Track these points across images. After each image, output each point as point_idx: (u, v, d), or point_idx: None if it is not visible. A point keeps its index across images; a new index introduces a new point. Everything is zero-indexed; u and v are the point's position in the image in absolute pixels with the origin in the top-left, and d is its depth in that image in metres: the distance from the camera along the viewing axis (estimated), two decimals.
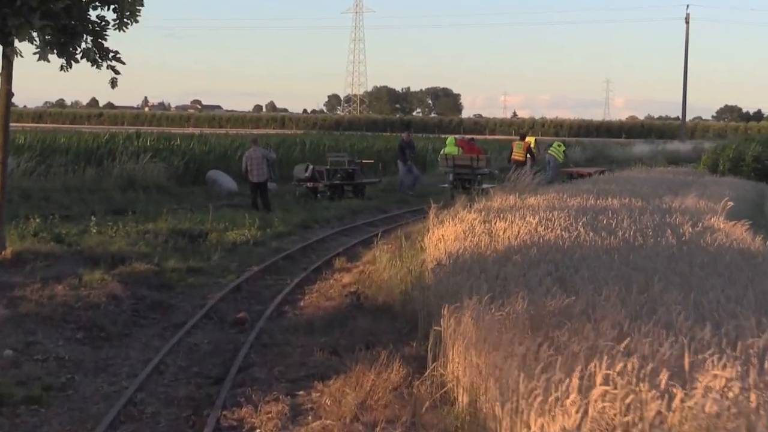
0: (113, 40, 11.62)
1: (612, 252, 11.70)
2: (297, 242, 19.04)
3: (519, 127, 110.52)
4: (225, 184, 28.12)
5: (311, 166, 27.43)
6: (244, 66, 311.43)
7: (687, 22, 60.85)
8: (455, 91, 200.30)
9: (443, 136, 63.68)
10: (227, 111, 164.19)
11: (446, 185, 27.76)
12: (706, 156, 35.37)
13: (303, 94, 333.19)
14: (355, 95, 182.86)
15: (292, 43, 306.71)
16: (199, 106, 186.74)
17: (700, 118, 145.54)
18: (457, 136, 31.32)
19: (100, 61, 12.70)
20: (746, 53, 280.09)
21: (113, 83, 13.18)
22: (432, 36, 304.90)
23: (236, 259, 16.70)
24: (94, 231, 17.45)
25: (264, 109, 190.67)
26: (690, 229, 14.58)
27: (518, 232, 13.42)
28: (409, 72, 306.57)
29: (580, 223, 14.51)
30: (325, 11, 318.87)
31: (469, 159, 26.87)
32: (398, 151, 31.11)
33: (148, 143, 31.59)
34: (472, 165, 26.79)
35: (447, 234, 13.96)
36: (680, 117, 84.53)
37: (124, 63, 11.26)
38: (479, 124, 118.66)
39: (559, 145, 34.86)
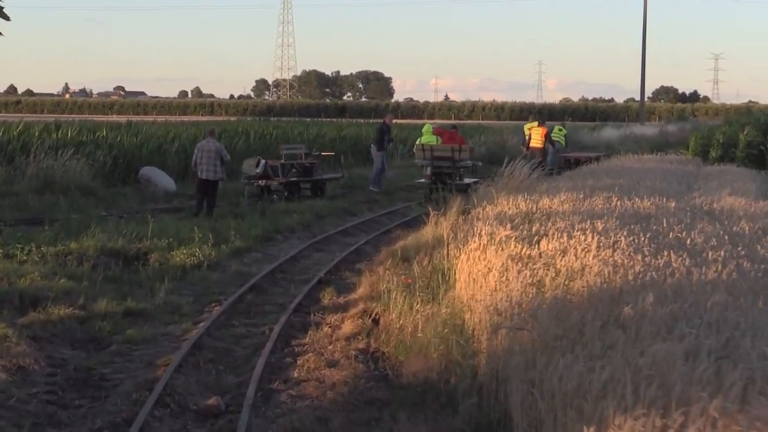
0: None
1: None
2: (262, 263, 15.04)
3: (458, 110, 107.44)
4: (162, 184, 23.89)
5: (263, 161, 23.36)
6: (168, 51, 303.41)
7: None
8: (386, 75, 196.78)
9: (376, 121, 59.79)
10: (152, 97, 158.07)
11: (422, 180, 23.90)
12: (694, 141, 32.17)
13: (229, 79, 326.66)
14: (284, 80, 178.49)
15: (217, 27, 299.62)
16: (123, 93, 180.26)
17: (633, 99, 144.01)
18: (433, 122, 27.32)
19: None
20: (678, 33, 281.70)
21: None
22: (362, 19, 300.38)
23: (189, 292, 12.70)
24: None
25: (190, 95, 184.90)
26: None
27: (583, 258, 9.70)
28: (339, 55, 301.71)
29: (644, 239, 10.91)
30: None
31: (450, 150, 23.03)
32: (376, 135, 26.87)
33: (69, 135, 27.09)
34: (453, 157, 22.96)
35: (478, 265, 10.21)
36: (613, 99, 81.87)
37: (8, 18, 7.34)
38: (417, 108, 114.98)
39: (560, 129, 32.49)
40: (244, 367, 9.28)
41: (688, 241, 11.07)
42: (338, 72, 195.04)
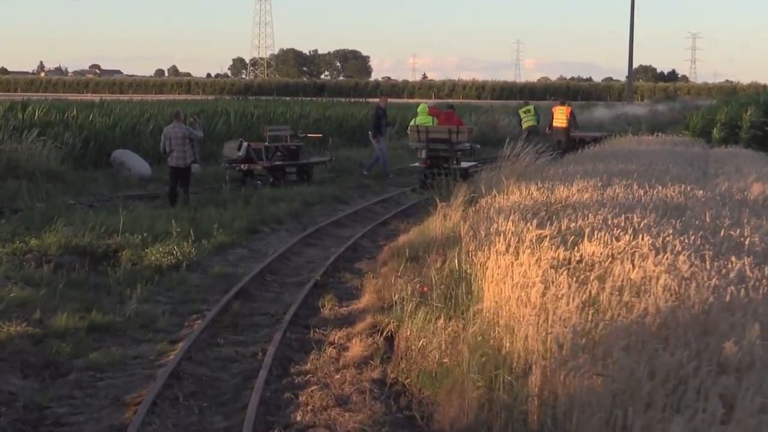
0: None
1: None
2: (248, 261, 13.20)
3: (438, 89, 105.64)
4: (136, 168, 21.92)
5: (245, 143, 21.44)
6: (144, 29, 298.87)
7: None
8: (364, 54, 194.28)
9: (356, 100, 57.90)
10: (128, 76, 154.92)
11: (417, 164, 22.07)
12: (695, 122, 30.49)
13: (206, 58, 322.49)
14: (262, 58, 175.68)
15: (193, 5, 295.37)
16: (98, 71, 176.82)
17: (611, 78, 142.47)
18: (429, 101, 25.38)
19: None
20: (656, 13, 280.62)
21: None
22: None
23: (166, 299, 10.87)
24: None
25: (166, 74, 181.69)
26: None
27: (641, 266, 7.97)
28: (316, 34, 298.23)
29: (696, 239, 9.24)
30: None
31: (447, 131, 21.19)
32: (373, 120, 24.78)
33: (36, 115, 24.99)
34: (450, 139, 21.12)
35: (511, 272, 8.49)
36: (591, 78, 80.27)
37: None
38: (397, 87, 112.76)
39: (526, 112, 30.84)
40: (234, 403, 7.46)
41: (746, 242, 9.40)
42: (316, 51, 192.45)
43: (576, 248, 8.89)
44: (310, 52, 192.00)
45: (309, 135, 24.15)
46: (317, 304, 10.49)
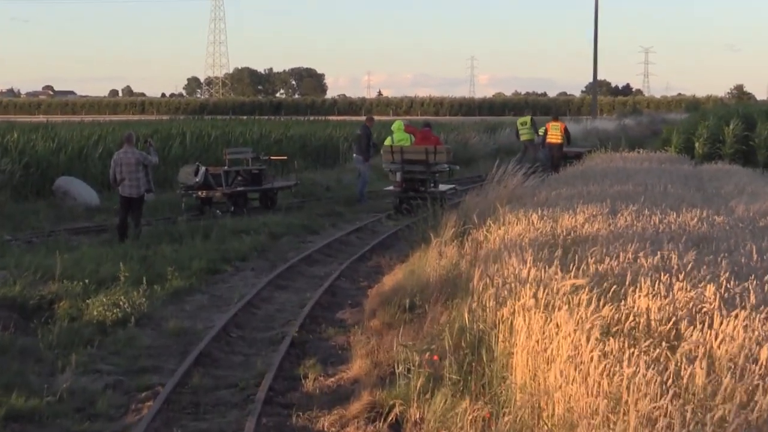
0: None
1: None
2: (209, 311, 11.08)
3: (396, 106, 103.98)
4: (82, 197, 19.65)
5: (203, 168, 19.30)
6: (98, 50, 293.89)
7: None
8: (319, 72, 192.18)
9: (315, 117, 55.88)
10: (81, 96, 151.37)
11: (391, 188, 20.06)
12: (676, 136, 28.81)
13: (161, 78, 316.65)
14: (217, 77, 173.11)
15: (147, 24, 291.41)
16: (52, 92, 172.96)
17: (565, 93, 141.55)
18: (404, 119, 23.27)
19: None
20: (608, 27, 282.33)
21: None
22: (294, 15, 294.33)
23: (109, 368, 8.73)
24: None
25: (120, 94, 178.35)
26: None
27: (720, 330, 6.08)
28: (271, 52, 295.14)
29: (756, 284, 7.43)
30: None
31: (423, 151, 19.21)
32: (360, 141, 22.41)
33: None
34: (427, 160, 19.15)
35: (548, 336, 6.59)
36: (546, 93, 79.02)
37: None
38: (354, 104, 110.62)
39: (523, 124, 29.85)
40: None
41: None
42: (271, 69, 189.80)
43: (622, 302, 7.01)
44: (265, 70, 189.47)
45: (272, 158, 22.01)
46: (297, 373, 8.40)
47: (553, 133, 27.33)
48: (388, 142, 20.38)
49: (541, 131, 30.82)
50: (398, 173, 19.51)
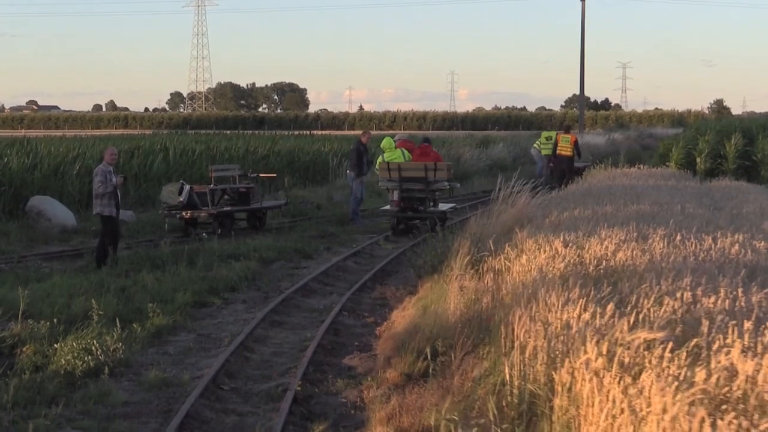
0: None
1: None
2: (196, 356, 9.48)
3: (379, 120, 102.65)
4: (57, 218, 18.00)
5: (187, 187, 17.70)
6: (82, 65, 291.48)
7: (582, 0, 52.96)
8: (301, 87, 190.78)
9: (300, 132, 54.32)
10: (65, 111, 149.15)
11: (388, 207, 18.52)
12: (676, 151, 27.42)
13: (144, 93, 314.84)
14: (199, 92, 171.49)
15: (131, 40, 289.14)
16: (35, 107, 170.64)
17: (544, 107, 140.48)
18: (395, 134, 21.63)
19: None
20: (588, 43, 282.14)
21: None
22: (276, 30, 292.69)
23: None
24: None
25: (104, 109, 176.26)
26: None
27: None
28: (254, 67, 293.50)
29: None
30: (165, 4, 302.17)
31: (423, 168, 17.69)
32: (353, 157, 20.57)
33: None
34: (426, 177, 17.64)
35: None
36: (525, 108, 77.75)
37: None
38: (337, 119, 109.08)
39: (547, 139, 29.03)
40: None
41: None
42: (253, 84, 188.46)
43: (709, 362, 5.53)
44: (247, 85, 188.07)
45: (261, 175, 20.41)
46: None
47: (564, 146, 26.13)
48: (380, 161, 18.79)
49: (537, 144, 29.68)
50: (395, 192, 17.99)
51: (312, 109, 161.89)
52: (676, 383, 4.95)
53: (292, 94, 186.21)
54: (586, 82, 51.35)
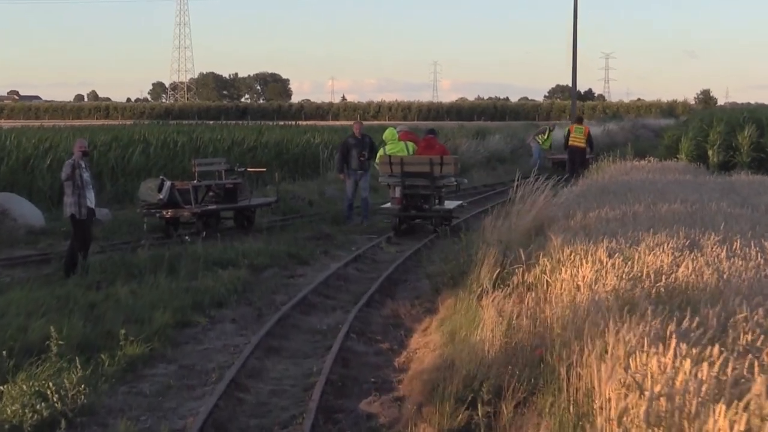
0: None
1: None
2: (177, 396, 7.64)
3: (363, 111, 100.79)
4: (23, 217, 16.08)
5: (168, 183, 15.83)
6: (64, 55, 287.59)
7: None
8: (284, 77, 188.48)
9: (286, 123, 52.48)
10: (46, 101, 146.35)
11: (389, 205, 16.71)
12: (686, 144, 25.78)
13: (126, 83, 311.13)
14: (182, 82, 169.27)
15: (112, 30, 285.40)
16: (17, 97, 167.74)
17: (526, 98, 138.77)
18: (397, 126, 19.72)
19: None
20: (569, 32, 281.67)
21: None
22: (259, 20, 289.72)
23: None
24: None
25: (86, 99, 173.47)
26: None
27: None
28: (236, 57, 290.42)
29: None
30: None
31: (428, 162, 15.91)
32: (339, 152, 18.67)
33: None
34: (432, 172, 15.86)
35: None
36: (509, 98, 76.08)
37: None
38: (321, 109, 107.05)
39: (550, 131, 29.21)
40: None
41: None
42: (236, 74, 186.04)
43: None
44: (230, 75, 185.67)
45: (249, 169, 18.53)
46: None
47: (576, 137, 24.94)
48: (381, 154, 16.90)
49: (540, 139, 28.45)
50: (398, 188, 16.17)
51: (294, 99, 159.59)
52: None
53: (274, 84, 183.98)
54: (570, 73, 49.51)
